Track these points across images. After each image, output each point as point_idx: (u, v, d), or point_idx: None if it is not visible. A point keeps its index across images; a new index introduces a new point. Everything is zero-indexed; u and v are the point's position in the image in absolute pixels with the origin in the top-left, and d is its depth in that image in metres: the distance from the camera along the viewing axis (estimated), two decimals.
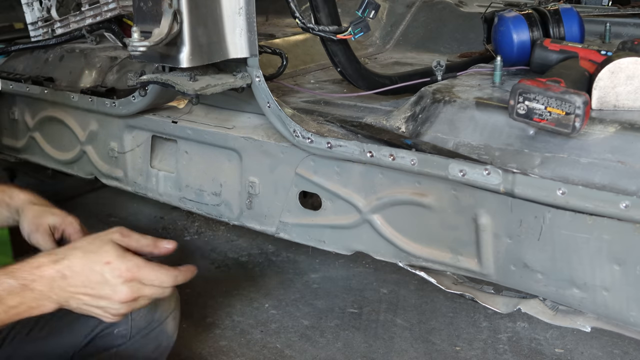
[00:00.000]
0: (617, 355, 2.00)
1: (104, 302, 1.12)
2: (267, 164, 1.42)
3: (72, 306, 1.11)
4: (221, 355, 2.00)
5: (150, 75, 1.35)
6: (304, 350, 2.02)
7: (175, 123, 1.55)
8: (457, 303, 2.25)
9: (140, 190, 1.70)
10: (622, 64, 1.13)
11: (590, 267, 1.09)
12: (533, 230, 1.12)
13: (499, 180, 1.10)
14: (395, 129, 1.30)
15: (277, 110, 1.32)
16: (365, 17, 1.36)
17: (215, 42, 1.26)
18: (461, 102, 1.23)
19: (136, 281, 1.12)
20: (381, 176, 1.28)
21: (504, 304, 1.28)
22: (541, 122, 1.08)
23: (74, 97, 1.73)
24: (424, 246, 1.28)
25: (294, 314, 2.20)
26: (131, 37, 1.15)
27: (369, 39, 2.25)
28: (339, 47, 1.44)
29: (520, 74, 1.40)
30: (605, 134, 1.07)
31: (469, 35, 2.08)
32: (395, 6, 2.32)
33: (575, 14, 1.46)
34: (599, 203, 1.01)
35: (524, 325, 2.14)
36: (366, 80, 1.52)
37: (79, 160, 1.83)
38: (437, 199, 1.23)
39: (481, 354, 2.00)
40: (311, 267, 2.47)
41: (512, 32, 1.42)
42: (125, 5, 1.77)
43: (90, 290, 1.10)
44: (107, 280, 1.11)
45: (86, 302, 1.11)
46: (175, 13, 1.19)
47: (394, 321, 2.17)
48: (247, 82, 1.33)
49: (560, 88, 1.07)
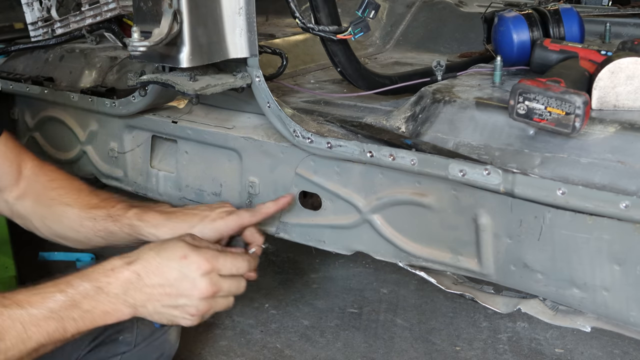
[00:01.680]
0: (617, 355, 2.00)
1: (182, 300, 1.07)
2: (267, 164, 1.42)
3: (148, 310, 1.06)
4: (221, 355, 2.00)
5: (150, 75, 1.35)
6: (304, 350, 2.02)
7: (175, 123, 1.55)
8: (457, 303, 2.25)
9: (140, 190, 1.70)
10: (622, 64, 1.13)
11: (590, 267, 1.09)
12: (533, 230, 1.12)
13: (499, 180, 1.10)
14: (395, 129, 1.30)
15: (277, 110, 1.32)
16: (365, 17, 1.36)
17: (215, 42, 1.26)
18: (461, 102, 1.23)
19: (214, 272, 1.08)
20: (381, 176, 1.28)
21: (504, 304, 1.28)
22: (541, 122, 1.08)
23: (74, 97, 1.73)
24: (424, 246, 1.28)
25: (294, 314, 2.20)
26: (131, 37, 1.15)
27: (369, 39, 2.25)
28: (339, 47, 1.44)
29: (520, 74, 1.40)
30: (605, 134, 1.07)
31: (469, 35, 2.08)
32: (395, 6, 2.32)
33: (575, 14, 1.46)
34: (599, 203, 1.01)
35: (524, 325, 2.14)
36: (366, 80, 1.52)
37: (79, 160, 1.83)
38: (437, 199, 1.23)
39: (481, 354, 2.00)
40: (311, 267, 2.47)
41: (512, 32, 1.42)
42: (125, 5, 1.76)
43: (168, 289, 1.06)
44: (185, 274, 1.06)
45: (164, 303, 1.07)
46: (175, 13, 1.19)
47: (394, 321, 2.17)
48: (247, 82, 1.33)
49: (560, 88, 1.06)
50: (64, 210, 1.32)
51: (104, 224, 1.29)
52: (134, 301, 1.05)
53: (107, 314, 1.04)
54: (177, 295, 1.06)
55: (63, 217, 1.32)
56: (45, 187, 1.35)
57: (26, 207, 1.35)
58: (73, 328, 1.01)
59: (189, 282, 1.06)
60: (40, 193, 1.35)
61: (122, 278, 1.05)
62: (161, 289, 1.06)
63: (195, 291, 1.06)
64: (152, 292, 1.06)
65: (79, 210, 1.32)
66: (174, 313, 1.08)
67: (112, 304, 1.04)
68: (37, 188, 1.35)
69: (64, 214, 1.32)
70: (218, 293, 1.09)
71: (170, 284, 1.06)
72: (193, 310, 1.08)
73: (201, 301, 1.07)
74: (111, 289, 1.04)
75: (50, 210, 1.33)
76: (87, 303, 1.02)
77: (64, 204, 1.33)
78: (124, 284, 1.05)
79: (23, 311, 0.98)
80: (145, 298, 1.05)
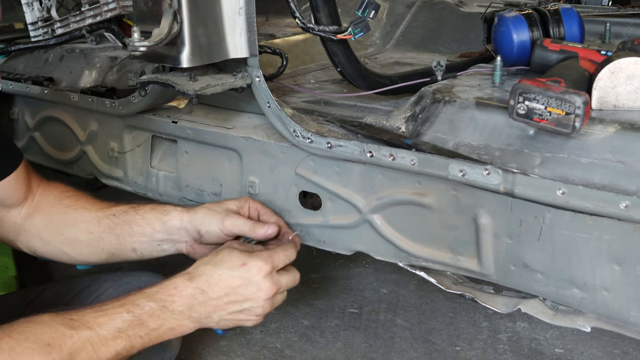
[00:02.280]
0: (617, 355, 2.00)
1: (248, 304, 1.13)
2: (267, 164, 1.42)
3: (213, 320, 1.12)
4: (221, 355, 2.00)
5: (150, 75, 1.35)
6: (304, 350, 2.02)
7: (175, 123, 1.55)
8: (457, 303, 2.25)
9: (140, 190, 1.70)
10: (622, 64, 1.13)
11: (590, 267, 1.09)
12: (533, 230, 1.12)
13: (499, 180, 1.10)
14: (395, 129, 1.30)
15: (277, 110, 1.32)
16: (365, 17, 1.36)
17: (215, 42, 1.26)
18: (461, 102, 1.23)
19: (273, 271, 1.15)
20: (381, 176, 1.28)
21: (504, 304, 1.28)
22: (541, 122, 1.08)
23: (74, 97, 1.73)
24: (424, 246, 1.28)
25: (294, 314, 2.20)
26: (131, 37, 1.15)
27: (369, 39, 2.25)
28: (339, 47, 1.44)
29: (520, 74, 1.40)
30: (605, 134, 1.07)
31: (469, 35, 2.08)
32: (395, 6, 2.32)
33: (575, 14, 1.46)
34: (599, 203, 1.01)
35: (524, 325, 2.14)
36: (366, 80, 1.52)
37: (79, 160, 1.83)
38: (437, 199, 1.23)
39: (481, 354, 2.00)
40: (311, 267, 2.47)
41: (512, 32, 1.42)
42: (125, 5, 1.76)
43: (233, 296, 1.12)
44: (249, 280, 1.12)
45: (230, 311, 1.12)
46: (175, 13, 1.19)
47: (394, 321, 2.17)
48: (247, 82, 1.33)
49: (560, 88, 1.06)
50: (80, 214, 1.36)
51: (124, 217, 1.32)
52: (198, 316, 1.11)
53: (172, 330, 1.09)
54: (243, 301, 1.13)
55: (79, 221, 1.35)
56: (58, 197, 1.39)
57: (35, 223, 1.37)
58: (139, 345, 1.06)
59: (253, 286, 1.13)
60: (54, 204, 1.38)
61: (186, 295, 1.10)
62: (226, 298, 1.12)
63: (261, 293, 1.13)
64: (217, 303, 1.12)
65: (96, 210, 1.36)
66: (240, 317, 1.14)
67: (177, 321, 1.09)
68: (50, 199, 1.38)
69: (81, 217, 1.35)
70: (277, 294, 1.16)
71: (236, 292, 1.12)
72: (259, 311, 1.15)
73: (266, 301, 1.14)
74: (176, 307, 1.09)
75: (64, 218, 1.36)
76: (153, 322, 1.07)
77: (81, 207, 1.36)
78: (187, 300, 1.10)
79: (92, 332, 1.01)
80: (210, 310, 1.11)
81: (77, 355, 0.97)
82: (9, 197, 1.34)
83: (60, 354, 0.95)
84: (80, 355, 0.97)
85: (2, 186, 1.30)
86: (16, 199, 1.35)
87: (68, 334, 0.98)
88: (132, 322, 1.04)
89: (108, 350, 1.01)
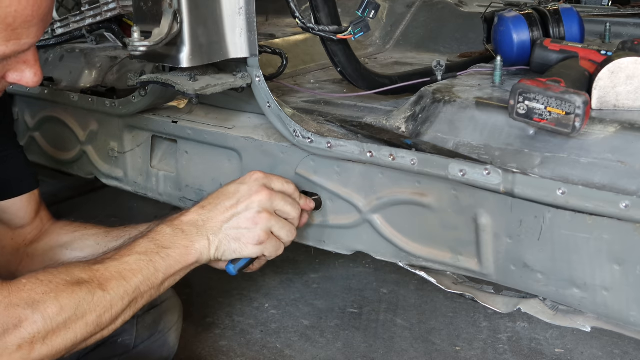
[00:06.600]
0: (617, 355, 2.00)
1: (242, 206, 1.19)
2: (267, 164, 1.42)
3: (219, 239, 1.18)
4: (221, 355, 2.01)
5: (150, 75, 1.35)
6: (304, 350, 2.02)
7: (175, 123, 1.55)
8: (457, 303, 2.25)
9: (140, 190, 1.70)
10: (622, 64, 1.13)
11: (590, 267, 1.09)
12: (533, 230, 1.12)
13: (499, 180, 1.10)
14: (395, 129, 1.30)
15: (277, 110, 1.32)
16: (365, 17, 1.36)
17: (215, 42, 1.26)
18: (461, 102, 1.23)
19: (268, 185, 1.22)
20: (381, 176, 1.28)
21: (504, 304, 1.28)
22: (541, 122, 1.08)
23: (74, 97, 1.73)
24: (424, 246, 1.28)
25: (294, 314, 2.21)
26: (131, 37, 1.15)
27: (369, 39, 2.25)
28: (339, 47, 1.44)
29: (520, 74, 1.39)
30: (605, 134, 1.07)
31: (469, 35, 2.08)
32: (395, 6, 2.32)
33: (575, 14, 1.46)
34: (599, 203, 1.01)
35: (524, 325, 2.14)
36: (366, 80, 1.52)
37: (79, 160, 1.83)
38: (437, 199, 1.23)
39: (481, 354, 2.01)
40: (311, 267, 2.47)
41: (512, 32, 1.42)
42: (125, 5, 1.76)
43: (228, 202, 1.19)
44: (242, 182, 1.22)
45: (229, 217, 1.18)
46: (175, 13, 1.19)
47: (394, 321, 2.17)
48: (247, 82, 1.33)
49: (560, 88, 1.06)
50: (89, 230, 1.42)
51: (136, 227, 1.36)
52: (206, 231, 1.18)
53: (186, 248, 1.15)
54: (236, 204, 1.19)
55: (87, 235, 1.41)
56: (68, 224, 1.45)
57: (37, 248, 1.40)
58: (162, 267, 1.12)
59: (245, 186, 1.21)
60: (62, 226, 1.44)
61: (193, 211, 1.20)
62: (223, 205, 1.19)
63: (254, 196, 1.19)
64: (217, 210, 1.19)
65: (105, 228, 1.42)
66: (240, 233, 1.18)
67: (188, 238, 1.16)
68: (59, 225, 1.45)
69: (89, 232, 1.41)
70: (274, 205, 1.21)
71: (230, 197, 1.20)
72: (252, 237, 1.19)
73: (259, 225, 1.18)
74: (185, 227, 1.17)
75: (72, 236, 1.42)
76: (167, 241, 1.15)
77: (90, 226, 1.43)
78: (193, 221, 1.18)
79: (116, 262, 1.09)
80: (214, 226, 1.18)
81: (108, 283, 1.05)
82: (17, 218, 1.38)
83: (91, 285, 1.03)
84: (110, 283, 1.05)
85: (13, 205, 1.34)
86: (24, 222, 1.39)
87: (95, 268, 1.06)
88: (148, 246, 1.12)
89: (134, 274, 1.08)
